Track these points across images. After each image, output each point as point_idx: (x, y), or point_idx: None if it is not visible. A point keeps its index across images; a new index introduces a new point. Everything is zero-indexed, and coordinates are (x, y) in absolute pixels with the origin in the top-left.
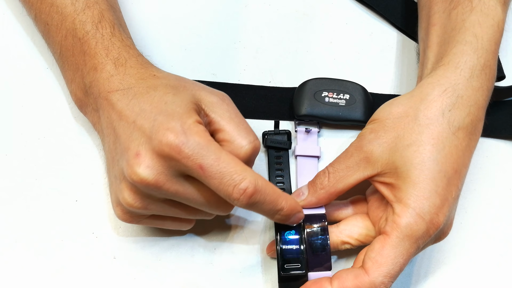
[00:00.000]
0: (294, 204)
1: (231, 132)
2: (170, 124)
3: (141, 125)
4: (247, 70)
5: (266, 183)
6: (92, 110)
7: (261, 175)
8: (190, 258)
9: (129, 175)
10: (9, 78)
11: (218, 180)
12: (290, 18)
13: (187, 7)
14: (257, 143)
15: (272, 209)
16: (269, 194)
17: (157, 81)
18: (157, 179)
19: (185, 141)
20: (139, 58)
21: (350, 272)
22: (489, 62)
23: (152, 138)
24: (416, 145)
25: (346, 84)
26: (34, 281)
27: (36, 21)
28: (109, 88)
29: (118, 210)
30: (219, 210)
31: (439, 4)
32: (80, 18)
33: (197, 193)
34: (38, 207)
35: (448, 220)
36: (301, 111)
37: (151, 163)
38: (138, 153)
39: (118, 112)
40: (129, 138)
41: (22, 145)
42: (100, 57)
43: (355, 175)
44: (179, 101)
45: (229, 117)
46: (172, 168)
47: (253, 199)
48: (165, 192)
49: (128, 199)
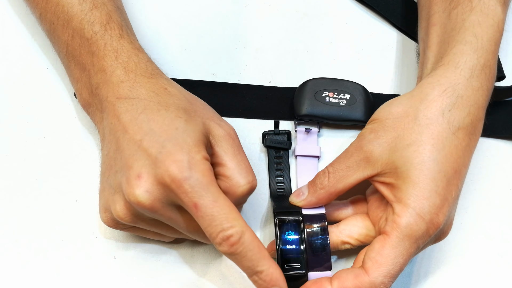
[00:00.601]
0: (276, 275)
1: (232, 169)
2: (178, 157)
3: (147, 147)
4: (247, 70)
5: (253, 239)
6: (95, 110)
7: (253, 231)
8: (190, 258)
9: (127, 194)
10: (9, 78)
11: (208, 222)
12: (290, 18)
13: (187, 7)
14: (255, 183)
15: (251, 267)
16: (252, 251)
17: (169, 100)
18: (153, 205)
19: (187, 177)
20: (149, 64)
21: (350, 272)
22: (489, 62)
23: (157, 166)
24: (416, 145)
25: (346, 84)
26: (34, 281)
27: (40, 20)
28: (118, 94)
29: (105, 216)
30: (203, 240)
31: (439, 4)
32: (88, 18)
33: (186, 223)
34: (38, 207)
35: (448, 220)
36: (301, 111)
37: (150, 189)
38: (139, 175)
39: (124, 124)
40: (133, 156)
41: (22, 145)
42: (109, 60)
43: (355, 175)
44: (190, 130)
45: (233, 153)
46: (169, 197)
47: (234, 248)
48: (158, 217)
49: (120, 213)
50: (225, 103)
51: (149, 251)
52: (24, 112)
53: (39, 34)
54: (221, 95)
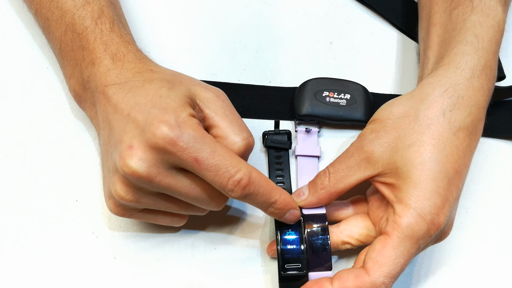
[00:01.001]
0: (288, 199)
1: (225, 128)
2: (164, 117)
3: (135, 117)
4: (247, 70)
5: (260, 176)
6: (90, 105)
7: (255, 168)
8: (190, 258)
9: (121, 167)
10: (9, 78)
11: (214, 173)
12: (290, 18)
13: (187, 7)
14: (251, 140)
15: (265, 201)
16: (262, 186)
17: (153, 75)
18: (149, 172)
19: (179, 135)
20: (137, 54)
21: (351, 272)
22: (489, 62)
23: (145, 131)
24: (417, 145)
25: (347, 84)
26: (34, 281)
27: (36, 17)
28: (106, 82)
29: (110, 203)
30: (211, 205)
31: (439, 4)
32: (80, 13)
33: (189, 186)
34: (38, 207)
35: (449, 220)
36: (302, 111)
37: (143, 156)
38: (131, 146)
39: (114, 105)
40: (123, 130)
41: (22, 145)
42: (98, 52)
43: (355, 175)
44: (173, 95)
45: (224, 113)
46: (165, 161)
47: (247, 190)
48: (157, 185)
49: (120, 192)
50: None
51: (149, 251)
52: (24, 112)
53: (39, 34)
54: None
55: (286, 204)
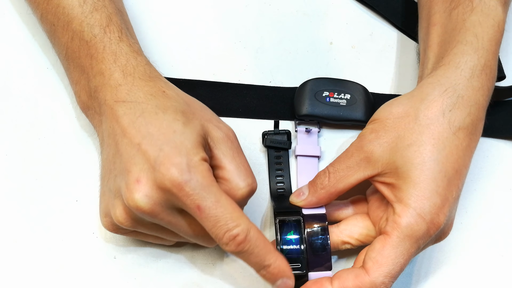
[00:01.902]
0: (283, 266)
1: (231, 171)
2: (176, 160)
3: (145, 150)
4: (247, 70)
5: (259, 236)
6: (94, 113)
7: (256, 227)
8: (191, 258)
9: (126, 199)
10: (9, 78)
11: (212, 223)
12: (290, 18)
13: (187, 7)
14: (255, 185)
15: (258, 263)
16: (258, 247)
17: (167, 102)
18: (153, 209)
19: (188, 180)
20: (147, 67)
21: (351, 272)
22: (489, 62)
23: (155, 169)
24: (416, 145)
25: (347, 84)
26: (34, 280)
27: (41, 21)
28: (116, 98)
29: (106, 221)
30: (205, 244)
31: (439, 4)
32: (88, 21)
33: (187, 226)
34: (38, 207)
35: (449, 220)
36: (302, 111)
37: (150, 193)
38: (139, 180)
39: (123, 127)
40: (131, 160)
41: (22, 145)
42: (107, 63)
43: (355, 175)
44: (188, 133)
45: (232, 156)
46: (170, 201)
47: (241, 247)
48: (158, 221)
49: (120, 218)
50: (226, 103)
51: (150, 252)
52: (24, 112)
53: (39, 34)
54: (221, 95)
55: (280, 271)
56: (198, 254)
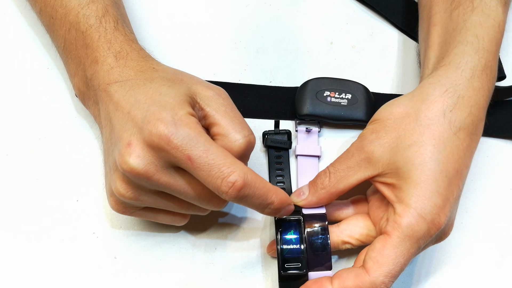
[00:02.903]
0: (284, 198)
1: (226, 126)
2: (161, 115)
3: (134, 115)
4: (247, 70)
5: (256, 177)
6: (93, 103)
7: (250, 169)
8: (191, 258)
9: (120, 164)
10: (9, 78)
11: (206, 172)
12: (290, 18)
13: (187, 7)
14: (252, 137)
15: (261, 203)
16: (258, 188)
17: (155, 74)
18: (147, 169)
19: (174, 132)
20: (141, 52)
21: (351, 272)
22: (490, 62)
23: (143, 129)
24: (417, 145)
25: (348, 84)
26: (34, 280)
27: (40, 15)
28: (108, 80)
29: (111, 200)
30: (211, 205)
31: (440, 4)
32: (84, 12)
33: (187, 186)
34: (38, 207)
35: (449, 220)
36: (303, 111)
37: (141, 153)
38: (129, 143)
39: (115, 103)
40: (123, 128)
41: (22, 145)
42: (102, 50)
43: (356, 175)
44: (173, 93)
45: (224, 111)
46: (162, 159)
47: (242, 192)
48: (156, 183)
49: (120, 189)
50: None
51: (150, 251)
52: (24, 112)
53: (40, 33)
54: None
55: (283, 203)
56: (198, 254)
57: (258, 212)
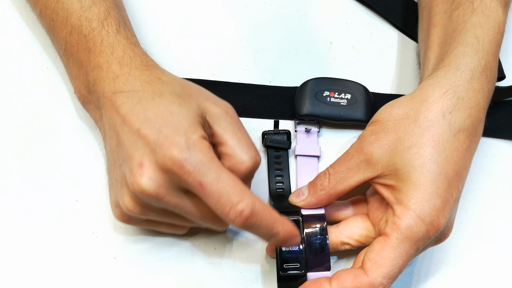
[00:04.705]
0: (290, 230)
1: (233, 146)
2: (175, 139)
3: (145, 134)
4: (247, 70)
5: (264, 207)
6: (94, 108)
7: (259, 198)
8: (190, 258)
9: (131, 183)
10: (9, 78)
11: (216, 199)
12: (290, 18)
13: (187, 7)
14: (258, 158)
15: (267, 233)
16: (265, 218)
17: (163, 87)
18: (158, 192)
19: (188, 157)
20: (144, 58)
21: (350, 272)
22: (490, 63)
23: (156, 151)
24: (416, 147)
25: (347, 84)
26: (34, 281)
27: (41, 17)
28: (113, 89)
29: (116, 211)
30: (215, 226)
31: (440, 5)
32: (87, 15)
33: (195, 208)
34: (38, 207)
35: (449, 222)
36: (302, 111)
37: (153, 175)
38: (141, 164)
39: (122, 116)
40: (133, 146)
41: (21, 145)
42: (105, 55)
43: (355, 176)
44: (185, 113)
45: (232, 130)
46: (173, 182)
47: (249, 221)
48: (165, 204)
49: (128, 205)
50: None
51: (150, 251)
52: (24, 112)
53: (39, 33)
54: (221, 94)
55: (289, 235)
56: (198, 254)
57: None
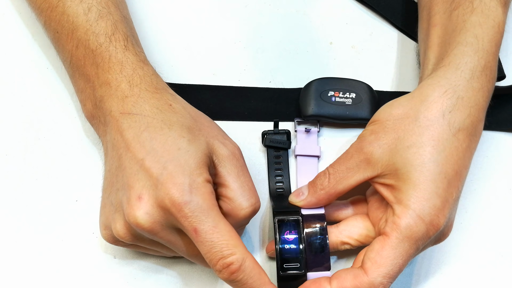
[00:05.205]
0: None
1: (235, 191)
2: (179, 179)
3: (149, 167)
4: (247, 70)
5: (254, 266)
6: (99, 123)
7: (253, 257)
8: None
9: (127, 214)
10: (9, 78)
11: (208, 248)
12: (290, 18)
13: (187, 7)
14: (258, 205)
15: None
16: (252, 278)
17: (173, 117)
18: (152, 227)
19: (188, 201)
20: (154, 78)
21: (349, 272)
22: (489, 63)
23: (158, 188)
24: (416, 146)
25: (351, 83)
26: (34, 281)
27: (45, 28)
28: (122, 109)
29: (105, 233)
30: (203, 264)
31: (439, 4)
32: (94, 29)
33: (185, 247)
34: (38, 207)
35: (449, 221)
36: (308, 112)
37: (150, 211)
38: (140, 197)
39: (127, 141)
40: (135, 176)
41: (22, 145)
42: (114, 73)
43: (355, 176)
44: (192, 151)
45: (236, 174)
46: (169, 220)
47: (234, 276)
48: (157, 239)
49: (120, 232)
50: (230, 106)
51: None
52: (24, 112)
53: (39, 34)
54: (224, 98)
55: None
56: None
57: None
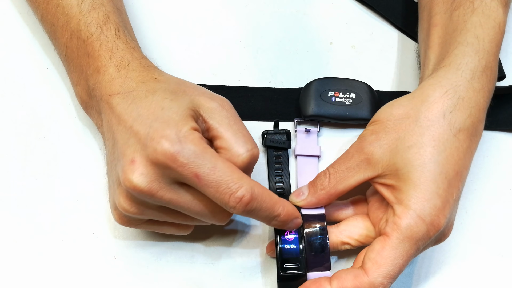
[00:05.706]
0: (291, 210)
1: (229, 139)
2: (165, 132)
3: (137, 131)
4: (247, 70)
5: (263, 190)
6: (95, 113)
7: (257, 182)
8: (190, 259)
9: (123, 181)
10: (9, 78)
11: (214, 189)
12: (290, 18)
13: (187, 7)
14: (256, 151)
15: (269, 216)
16: (265, 201)
17: (157, 85)
18: (150, 187)
19: (180, 150)
20: (142, 61)
21: (350, 272)
22: (490, 63)
23: (147, 146)
24: (417, 146)
25: (351, 83)
26: (34, 281)
27: (42, 22)
28: (110, 91)
29: (115, 214)
30: (215, 220)
31: (440, 5)
32: (85, 19)
33: (192, 201)
34: (38, 207)
35: (449, 222)
36: (308, 112)
37: (145, 171)
38: (133, 160)
39: (117, 116)
40: (126, 143)
41: (21, 145)
42: (103, 60)
43: (355, 176)
44: (176, 107)
45: (228, 124)
46: (167, 176)
47: (249, 206)
48: (159, 200)
49: (124, 205)
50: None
51: (150, 251)
52: (24, 112)
53: (39, 33)
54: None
55: (290, 216)
56: (197, 254)
57: (266, 224)
